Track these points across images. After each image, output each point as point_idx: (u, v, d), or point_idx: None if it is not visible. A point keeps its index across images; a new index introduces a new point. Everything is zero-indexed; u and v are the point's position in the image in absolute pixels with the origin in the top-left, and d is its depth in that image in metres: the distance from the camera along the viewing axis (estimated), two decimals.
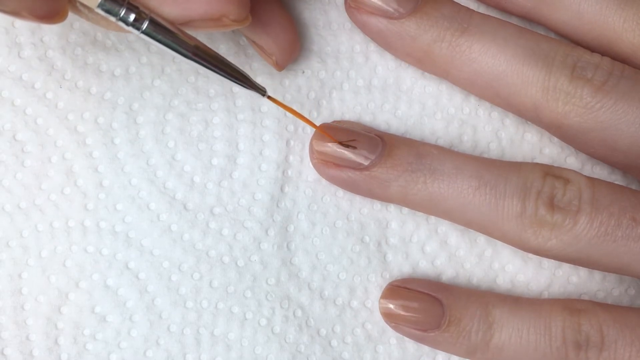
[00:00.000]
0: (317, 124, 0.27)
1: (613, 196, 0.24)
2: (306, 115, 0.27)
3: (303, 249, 0.27)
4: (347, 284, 0.27)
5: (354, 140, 0.25)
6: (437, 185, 0.25)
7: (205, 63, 0.23)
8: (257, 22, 0.25)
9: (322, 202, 0.27)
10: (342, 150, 0.25)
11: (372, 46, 0.27)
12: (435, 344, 0.26)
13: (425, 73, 0.27)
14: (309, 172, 0.27)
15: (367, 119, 0.27)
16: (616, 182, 0.27)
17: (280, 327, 0.26)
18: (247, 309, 0.26)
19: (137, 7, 0.21)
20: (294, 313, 0.27)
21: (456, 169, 0.25)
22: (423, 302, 0.25)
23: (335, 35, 0.27)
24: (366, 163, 0.25)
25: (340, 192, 0.27)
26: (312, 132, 0.27)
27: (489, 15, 0.26)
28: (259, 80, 0.27)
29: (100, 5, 0.21)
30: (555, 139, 0.27)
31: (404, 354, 0.27)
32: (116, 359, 0.26)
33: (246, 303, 0.26)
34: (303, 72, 0.27)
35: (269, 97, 0.24)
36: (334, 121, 0.27)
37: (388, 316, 0.26)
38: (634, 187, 0.27)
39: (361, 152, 0.25)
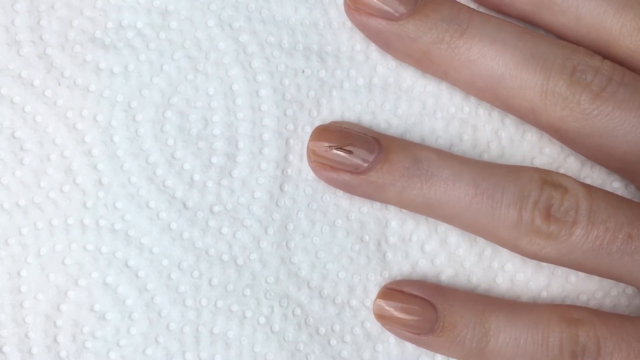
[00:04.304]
0: (317, 123, 0.27)
1: (610, 210, 0.24)
2: (306, 115, 0.27)
3: (302, 248, 0.27)
4: (347, 282, 0.27)
5: (349, 144, 0.25)
6: (434, 192, 0.25)
7: None
8: None
9: (322, 201, 0.27)
10: (338, 153, 0.25)
11: (373, 45, 0.27)
12: (429, 347, 0.26)
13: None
14: (309, 171, 0.27)
15: (367, 118, 0.27)
16: (614, 182, 0.27)
17: (279, 325, 0.26)
18: (246, 307, 0.26)
19: None
20: (293, 312, 0.27)
21: (453, 176, 0.25)
22: (417, 306, 0.25)
23: (335, 34, 0.27)
24: (362, 167, 0.25)
25: (340, 191, 0.27)
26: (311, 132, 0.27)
27: (489, 16, 0.26)
28: (259, 78, 0.27)
29: None
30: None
31: (403, 353, 0.27)
32: (115, 357, 0.26)
33: (245, 301, 0.26)
34: (303, 71, 0.27)
35: None
36: (331, 122, 0.27)
37: (381, 318, 0.26)
38: (631, 189, 0.27)
39: (357, 156, 0.25)
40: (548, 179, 0.25)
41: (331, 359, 0.26)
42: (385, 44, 0.26)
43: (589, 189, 0.25)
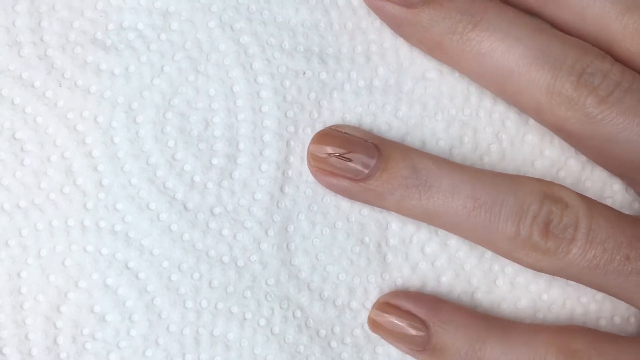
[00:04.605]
0: (318, 125, 0.27)
1: (610, 230, 0.24)
2: (307, 116, 0.27)
3: (303, 250, 0.27)
4: (347, 284, 0.27)
5: (349, 152, 0.25)
6: (432, 203, 0.25)
7: None
8: None
9: (322, 203, 0.27)
10: (338, 159, 0.25)
11: (374, 47, 0.27)
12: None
13: (426, 74, 0.27)
14: (309, 173, 0.27)
15: (368, 120, 0.27)
16: (615, 185, 0.27)
17: (279, 327, 0.26)
18: (246, 309, 0.26)
19: None
20: (293, 313, 0.27)
21: (452, 188, 0.25)
22: (410, 323, 0.25)
23: (336, 36, 0.27)
24: (361, 174, 0.25)
25: None
26: (313, 133, 0.27)
27: (505, 8, 0.25)
28: (260, 79, 0.27)
29: None
30: (556, 141, 0.27)
31: (403, 355, 0.27)
32: (115, 359, 0.26)
33: (245, 303, 0.26)
34: (304, 73, 0.27)
35: None
36: (331, 126, 0.27)
37: (375, 329, 0.26)
38: (631, 192, 0.27)
39: (356, 163, 0.25)
40: (549, 192, 0.24)
41: None
42: (399, 30, 0.26)
43: (591, 205, 0.24)
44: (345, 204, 0.27)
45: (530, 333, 0.25)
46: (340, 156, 0.25)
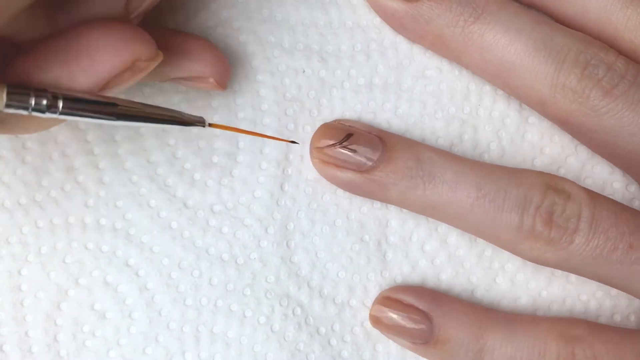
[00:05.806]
0: (318, 123, 0.27)
1: (613, 220, 0.24)
2: (307, 114, 0.27)
3: (303, 247, 0.27)
4: (347, 282, 0.27)
5: (354, 142, 0.25)
6: (437, 193, 0.25)
7: (135, 120, 0.21)
8: (177, 57, 0.24)
9: (322, 201, 0.27)
10: (342, 151, 0.25)
11: (374, 45, 0.27)
12: (423, 356, 0.26)
13: (426, 72, 0.27)
14: (309, 170, 0.27)
15: (367, 117, 0.27)
16: (615, 183, 0.27)
17: (279, 325, 0.26)
18: (246, 307, 0.26)
19: (45, 90, 0.19)
20: (293, 311, 0.27)
21: (456, 178, 0.25)
22: (412, 316, 0.25)
23: (336, 34, 0.27)
24: (366, 165, 0.25)
25: (340, 191, 0.27)
26: (313, 131, 0.27)
27: (507, 1, 0.25)
28: (260, 77, 0.27)
29: (7, 105, 0.19)
30: (556, 139, 0.27)
31: (403, 353, 0.27)
32: (115, 356, 0.26)
33: (245, 301, 0.26)
34: (304, 71, 0.27)
35: (211, 125, 0.23)
36: (335, 120, 0.27)
37: (377, 324, 0.26)
38: (632, 189, 0.27)
39: (361, 155, 0.25)
40: (552, 184, 0.24)
41: (331, 358, 0.26)
42: (400, 26, 0.26)
43: (593, 196, 0.24)
44: (345, 201, 0.27)
45: (531, 322, 0.25)
46: (345, 147, 0.25)
